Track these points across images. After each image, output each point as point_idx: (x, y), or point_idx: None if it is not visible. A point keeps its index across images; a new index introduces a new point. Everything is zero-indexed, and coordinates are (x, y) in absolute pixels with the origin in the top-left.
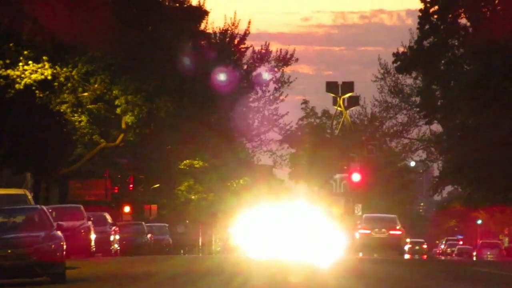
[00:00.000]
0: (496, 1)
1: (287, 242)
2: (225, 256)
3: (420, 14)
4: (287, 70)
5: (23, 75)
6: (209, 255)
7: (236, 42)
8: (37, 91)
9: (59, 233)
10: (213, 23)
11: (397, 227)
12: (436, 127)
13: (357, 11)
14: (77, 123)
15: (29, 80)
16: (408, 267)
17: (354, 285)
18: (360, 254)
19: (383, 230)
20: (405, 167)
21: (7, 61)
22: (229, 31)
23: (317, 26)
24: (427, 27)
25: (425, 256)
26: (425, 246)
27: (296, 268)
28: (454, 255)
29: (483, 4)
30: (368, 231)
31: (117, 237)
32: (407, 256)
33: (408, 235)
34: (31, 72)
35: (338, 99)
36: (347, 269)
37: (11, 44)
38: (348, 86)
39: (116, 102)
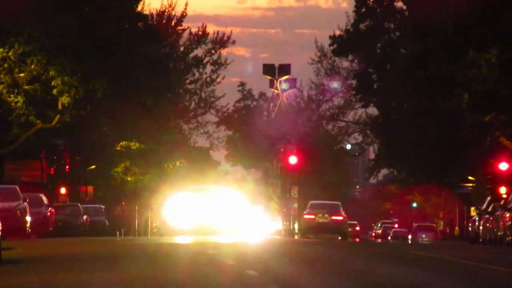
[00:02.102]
0: None
1: (215, 224)
2: (158, 238)
3: None
4: (224, 52)
5: None
6: (145, 236)
7: (173, 24)
8: None
9: None
10: (150, 4)
11: (339, 213)
12: (372, 110)
13: None
14: (13, 103)
15: None
16: (341, 249)
17: (284, 266)
18: (296, 237)
19: (326, 215)
20: (341, 150)
21: None
22: (166, 13)
23: (253, 8)
24: (363, 10)
25: (357, 239)
26: (358, 228)
27: (227, 249)
28: (389, 238)
29: None
30: (313, 216)
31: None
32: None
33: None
34: None
35: (275, 81)
36: (278, 251)
37: None
38: (285, 69)
39: (53, 83)
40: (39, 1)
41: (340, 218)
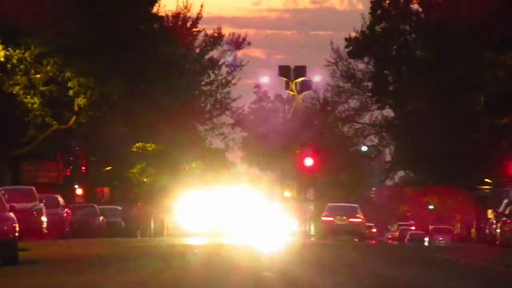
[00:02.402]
0: None
1: (228, 224)
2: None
3: None
4: (239, 53)
5: None
6: (160, 237)
7: (188, 25)
8: None
9: (11, 214)
10: (165, 6)
11: (357, 215)
12: (388, 112)
13: None
14: (29, 105)
15: None
16: (358, 251)
17: (301, 268)
18: (312, 239)
19: (344, 217)
20: (357, 151)
21: None
22: (181, 15)
23: (269, 10)
24: (379, 12)
25: (374, 241)
26: (374, 230)
27: (242, 251)
28: (406, 240)
29: None
30: (331, 219)
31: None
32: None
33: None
34: None
35: (291, 83)
36: (294, 253)
37: None
38: (301, 71)
39: (69, 84)
40: (55, 3)
41: (359, 220)
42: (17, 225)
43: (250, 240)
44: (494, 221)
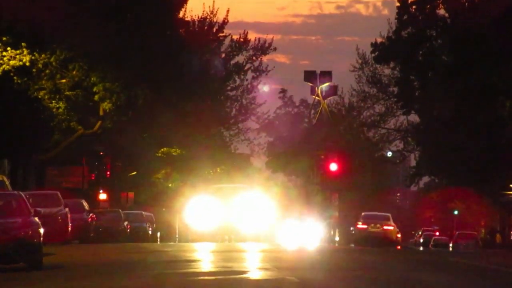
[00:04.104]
0: None
1: (241, 227)
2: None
3: (399, 5)
4: (264, 59)
5: (1, 61)
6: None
7: (214, 30)
8: (15, 77)
9: (36, 219)
10: (192, 11)
11: (390, 223)
12: (414, 117)
13: (334, 1)
14: (54, 109)
15: (7, 67)
16: (383, 257)
17: (325, 273)
18: (352, 245)
19: (378, 225)
20: (382, 157)
21: None
22: (207, 20)
23: (294, 15)
24: (405, 17)
25: (399, 247)
26: (399, 236)
27: (265, 255)
28: (430, 245)
29: None
30: (365, 226)
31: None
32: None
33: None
34: (10, 58)
35: (316, 88)
36: (319, 258)
37: None
38: (326, 76)
39: (94, 89)
40: (80, 8)
41: (391, 228)
42: (42, 230)
43: (271, 245)
44: None
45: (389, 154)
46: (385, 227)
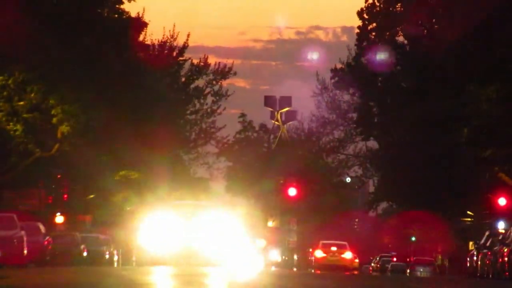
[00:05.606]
0: (433, 20)
1: (203, 249)
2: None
3: (358, 31)
4: (225, 83)
5: None
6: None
7: (174, 54)
8: None
9: None
10: (152, 34)
11: (347, 251)
12: (372, 143)
13: (294, 27)
14: (12, 132)
15: None
16: (341, 282)
17: None
18: (312, 270)
19: (336, 254)
20: (341, 182)
21: None
22: (168, 43)
23: (254, 40)
24: (365, 43)
25: (356, 272)
26: (356, 261)
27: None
28: (388, 271)
29: (421, 23)
30: (324, 255)
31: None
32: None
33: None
34: None
35: (276, 113)
36: (279, 284)
37: None
38: (286, 101)
39: (52, 112)
40: (40, 30)
41: (349, 256)
42: None
43: (231, 270)
44: (475, 253)
45: (348, 179)
46: (342, 256)
